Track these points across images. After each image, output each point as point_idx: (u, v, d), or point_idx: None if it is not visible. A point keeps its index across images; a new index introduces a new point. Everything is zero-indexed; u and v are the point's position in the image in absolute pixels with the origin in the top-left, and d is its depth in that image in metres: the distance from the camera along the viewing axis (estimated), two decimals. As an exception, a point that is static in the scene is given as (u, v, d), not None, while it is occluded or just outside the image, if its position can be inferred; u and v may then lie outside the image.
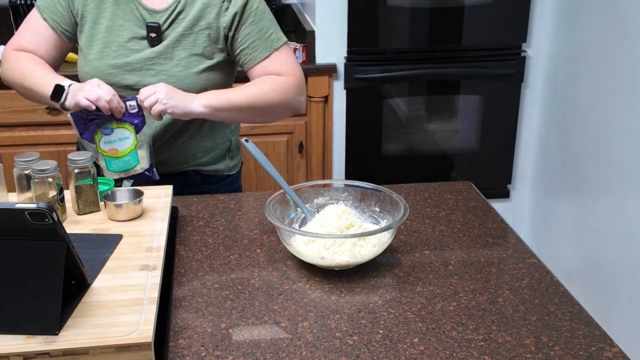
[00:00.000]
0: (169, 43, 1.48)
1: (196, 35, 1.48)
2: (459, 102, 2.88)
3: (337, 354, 0.97)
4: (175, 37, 1.48)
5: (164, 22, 1.48)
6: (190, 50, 1.48)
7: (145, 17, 1.48)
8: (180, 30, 1.48)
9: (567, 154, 2.66)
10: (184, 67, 1.48)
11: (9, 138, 2.45)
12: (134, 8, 1.48)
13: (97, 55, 1.49)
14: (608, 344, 1.00)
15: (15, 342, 0.89)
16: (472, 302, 1.10)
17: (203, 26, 1.48)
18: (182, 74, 1.48)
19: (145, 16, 1.47)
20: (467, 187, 1.57)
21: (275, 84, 1.49)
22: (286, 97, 1.50)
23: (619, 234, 2.30)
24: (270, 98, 1.48)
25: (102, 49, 1.48)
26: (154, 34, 1.47)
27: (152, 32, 1.47)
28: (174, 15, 1.48)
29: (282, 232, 1.21)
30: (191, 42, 1.48)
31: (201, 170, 1.60)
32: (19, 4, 2.67)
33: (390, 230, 1.20)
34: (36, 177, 1.21)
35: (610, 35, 2.33)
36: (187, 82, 1.48)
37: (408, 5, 2.58)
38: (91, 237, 1.20)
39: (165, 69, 1.48)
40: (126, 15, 1.48)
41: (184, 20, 1.48)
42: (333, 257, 1.16)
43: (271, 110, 1.52)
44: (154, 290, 1.02)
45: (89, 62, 1.50)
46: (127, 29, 1.48)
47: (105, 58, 1.48)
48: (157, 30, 1.47)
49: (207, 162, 1.60)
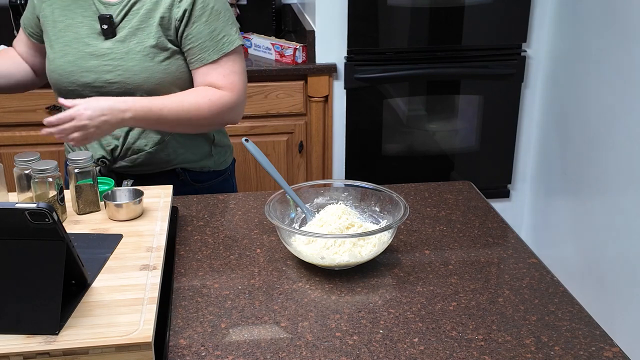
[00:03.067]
0: (123, 36, 1.45)
1: (150, 28, 1.45)
2: (459, 102, 2.88)
3: (337, 353, 0.97)
4: (129, 30, 1.45)
5: (118, 14, 1.45)
6: (145, 43, 1.44)
7: (101, 10, 1.46)
8: (135, 22, 1.45)
9: (567, 154, 2.66)
10: (140, 61, 1.44)
11: (9, 138, 2.45)
12: (90, 3, 1.46)
13: (59, 54, 1.47)
14: (608, 343, 1.00)
15: (15, 342, 0.89)
16: (472, 302, 1.10)
17: (157, 17, 1.45)
18: (138, 68, 1.44)
19: (101, 9, 1.46)
20: (467, 187, 1.57)
21: (212, 101, 1.45)
22: (220, 115, 1.47)
23: (619, 233, 2.30)
24: (204, 115, 1.45)
25: (62, 47, 1.47)
26: (106, 25, 1.44)
27: (104, 23, 1.44)
28: (127, 7, 1.45)
29: (282, 232, 1.21)
30: (146, 35, 1.45)
31: (188, 167, 1.58)
32: (19, 4, 2.67)
33: (390, 230, 1.20)
34: (36, 177, 1.21)
35: (610, 35, 2.33)
36: (143, 76, 1.44)
37: (408, 5, 2.58)
38: (91, 237, 1.20)
39: (121, 64, 1.44)
40: (85, 12, 1.47)
41: (138, 12, 1.45)
42: (333, 257, 1.16)
43: (202, 126, 1.50)
44: (154, 290, 1.02)
45: (51, 62, 1.49)
46: (85, 24, 1.46)
47: (66, 56, 1.47)
48: (109, 22, 1.44)
49: (192, 159, 1.58)
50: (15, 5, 2.67)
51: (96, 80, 1.46)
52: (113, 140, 1.50)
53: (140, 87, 1.45)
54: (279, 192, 1.29)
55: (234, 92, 1.48)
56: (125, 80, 1.44)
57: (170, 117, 1.42)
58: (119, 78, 1.44)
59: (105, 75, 1.45)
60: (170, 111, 1.42)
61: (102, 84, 1.45)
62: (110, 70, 1.45)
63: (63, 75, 1.47)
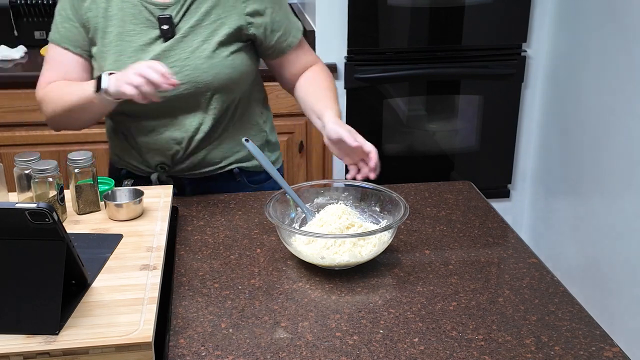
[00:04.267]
0: (184, 35, 1.41)
1: (216, 23, 1.42)
2: (459, 102, 2.88)
3: (337, 353, 0.97)
4: (190, 29, 1.41)
5: (176, 14, 1.40)
6: (210, 40, 1.41)
7: (155, 13, 1.40)
8: (194, 20, 1.41)
9: (567, 153, 2.66)
10: (207, 58, 1.41)
11: (9, 138, 2.45)
12: (142, 10, 1.40)
13: (113, 65, 1.40)
14: (608, 343, 1.00)
15: (15, 341, 0.89)
16: (472, 301, 1.10)
17: (220, 12, 1.42)
18: (206, 65, 1.41)
19: (155, 12, 1.40)
20: (467, 187, 1.57)
21: (328, 74, 1.57)
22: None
23: (619, 233, 2.30)
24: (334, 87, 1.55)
25: (117, 57, 1.41)
26: (167, 26, 1.40)
27: (165, 24, 1.40)
28: (186, 6, 1.41)
29: (282, 231, 1.21)
30: (210, 31, 1.41)
31: (243, 167, 1.55)
32: (19, 4, 2.67)
33: (391, 230, 1.20)
34: (36, 177, 1.21)
35: (610, 35, 2.33)
36: (212, 72, 1.41)
37: (408, 5, 2.58)
38: (91, 237, 1.20)
39: (187, 63, 1.41)
40: (135, 19, 1.41)
41: (198, 10, 1.41)
42: (333, 257, 1.16)
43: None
44: (154, 290, 1.02)
45: (104, 69, 1.40)
46: (139, 32, 1.41)
47: (122, 66, 1.37)
48: (169, 22, 1.40)
49: (247, 157, 1.55)
50: (15, 5, 2.67)
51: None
52: (175, 145, 1.46)
53: (210, 85, 1.42)
54: (279, 192, 1.29)
55: (320, 61, 1.59)
56: (195, 79, 1.41)
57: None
58: (187, 78, 1.40)
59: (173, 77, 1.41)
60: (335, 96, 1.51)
61: None
62: (177, 71, 1.39)
63: None
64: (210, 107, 1.45)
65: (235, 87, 1.47)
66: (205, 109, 1.45)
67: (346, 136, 1.33)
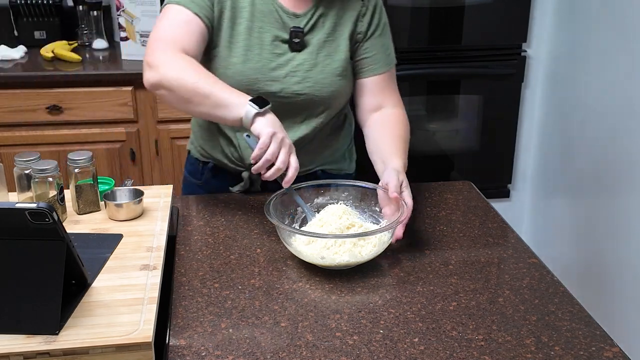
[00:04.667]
0: (313, 49, 1.41)
1: (337, 41, 1.42)
2: (459, 102, 2.88)
3: (337, 353, 0.97)
4: (318, 43, 1.41)
5: (305, 25, 1.40)
6: (334, 56, 1.42)
7: (286, 21, 1.39)
8: (322, 35, 1.41)
9: (567, 154, 2.66)
10: (329, 74, 1.41)
11: (9, 138, 2.45)
12: (272, 10, 1.39)
13: (240, 59, 1.38)
14: (608, 343, 1.00)
15: (15, 341, 0.89)
16: (472, 302, 1.10)
17: (345, 31, 1.43)
18: (328, 81, 1.41)
19: (286, 19, 1.39)
20: (467, 187, 1.57)
21: (406, 118, 1.52)
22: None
23: (619, 233, 2.30)
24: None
25: (244, 51, 1.38)
26: (298, 39, 1.39)
27: (296, 37, 1.39)
28: (314, 19, 1.40)
29: (282, 231, 1.21)
30: (334, 48, 1.42)
31: (327, 169, 1.55)
32: (19, 4, 2.67)
33: (391, 230, 1.20)
34: (36, 177, 1.21)
35: (610, 35, 2.33)
36: (331, 89, 1.42)
37: (408, 5, 2.58)
38: (91, 236, 1.20)
39: (310, 75, 1.40)
40: (265, 17, 1.39)
41: (324, 25, 1.41)
42: (333, 257, 1.16)
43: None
44: (154, 290, 1.02)
45: (232, 66, 1.39)
46: (268, 31, 1.39)
47: (249, 62, 1.38)
48: (301, 36, 1.39)
49: (332, 161, 1.55)
50: (16, 5, 2.67)
51: (282, 90, 1.40)
52: None
53: (325, 100, 1.43)
54: (279, 192, 1.29)
55: (402, 106, 1.53)
56: (314, 92, 1.41)
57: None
58: (307, 90, 1.40)
59: (293, 86, 1.40)
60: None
61: (289, 94, 1.40)
62: (299, 81, 1.40)
63: (243, 82, 1.37)
64: (317, 119, 1.45)
65: (343, 102, 1.49)
66: (312, 120, 1.45)
67: (392, 185, 1.26)
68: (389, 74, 1.50)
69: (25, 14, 2.69)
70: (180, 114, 2.48)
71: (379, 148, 1.43)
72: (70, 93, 2.40)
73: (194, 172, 1.59)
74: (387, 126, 1.48)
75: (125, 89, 2.43)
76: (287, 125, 1.41)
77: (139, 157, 2.54)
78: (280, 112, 1.39)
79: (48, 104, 2.41)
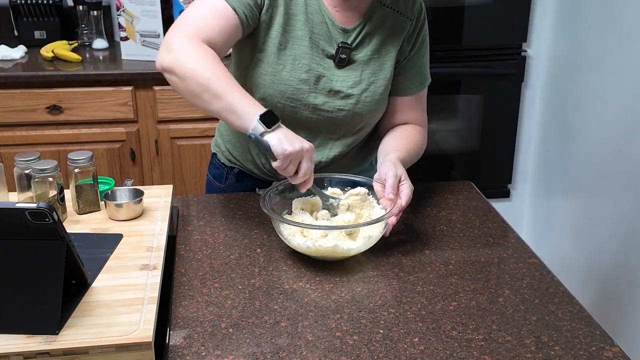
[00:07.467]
0: (358, 66, 1.37)
1: (382, 59, 1.39)
2: (459, 102, 2.88)
3: (337, 353, 0.97)
4: (363, 60, 1.37)
5: (352, 41, 1.36)
6: (379, 75, 1.38)
7: (334, 34, 1.35)
8: (368, 52, 1.37)
9: (567, 153, 2.66)
10: (372, 93, 1.38)
11: (9, 138, 2.45)
12: (323, 22, 1.34)
13: (289, 68, 1.33)
14: (608, 343, 1.00)
15: (15, 341, 0.89)
16: (473, 301, 1.10)
17: (391, 51, 1.39)
18: (370, 100, 1.38)
19: (334, 33, 1.35)
20: (467, 187, 1.57)
21: (425, 139, 1.50)
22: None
23: (619, 233, 2.30)
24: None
25: (292, 60, 1.33)
26: (345, 55, 1.35)
27: (344, 53, 1.35)
28: (362, 35, 1.36)
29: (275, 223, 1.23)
30: (378, 66, 1.38)
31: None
32: (19, 4, 2.67)
33: (382, 224, 1.21)
34: (36, 177, 1.21)
35: (610, 35, 2.33)
36: (372, 107, 1.39)
37: (408, 5, 2.58)
38: (91, 236, 1.20)
39: (354, 92, 1.37)
40: (315, 28, 1.34)
41: (371, 42, 1.37)
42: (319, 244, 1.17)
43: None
44: (154, 289, 1.02)
45: (276, 74, 1.33)
46: (317, 43, 1.35)
47: (296, 71, 1.33)
48: (348, 52, 1.35)
49: (358, 171, 1.49)
50: (16, 5, 2.67)
51: (325, 103, 1.37)
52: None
53: (365, 118, 1.41)
54: (280, 182, 1.29)
55: (425, 126, 1.51)
56: (355, 109, 1.38)
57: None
58: (349, 106, 1.37)
59: (337, 101, 1.37)
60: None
61: (331, 108, 1.37)
62: (342, 97, 1.37)
63: (286, 91, 1.34)
64: (354, 136, 1.44)
65: (378, 119, 1.46)
66: (349, 137, 1.43)
67: (389, 184, 1.24)
68: (421, 94, 1.48)
69: (25, 14, 2.69)
70: (181, 114, 2.49)
71: (383, 146, 1.41)
72: (70, 93, 2.41)
73: (218, 176, 1.56)
74: (401, 135, 1.45)
75: (125, 89, 2.43)
76: (323, 142, 1.42)
77: (139, 157, 2.54)
78: (319, 126, 1.39)
79: (48, 103, 2.41)
